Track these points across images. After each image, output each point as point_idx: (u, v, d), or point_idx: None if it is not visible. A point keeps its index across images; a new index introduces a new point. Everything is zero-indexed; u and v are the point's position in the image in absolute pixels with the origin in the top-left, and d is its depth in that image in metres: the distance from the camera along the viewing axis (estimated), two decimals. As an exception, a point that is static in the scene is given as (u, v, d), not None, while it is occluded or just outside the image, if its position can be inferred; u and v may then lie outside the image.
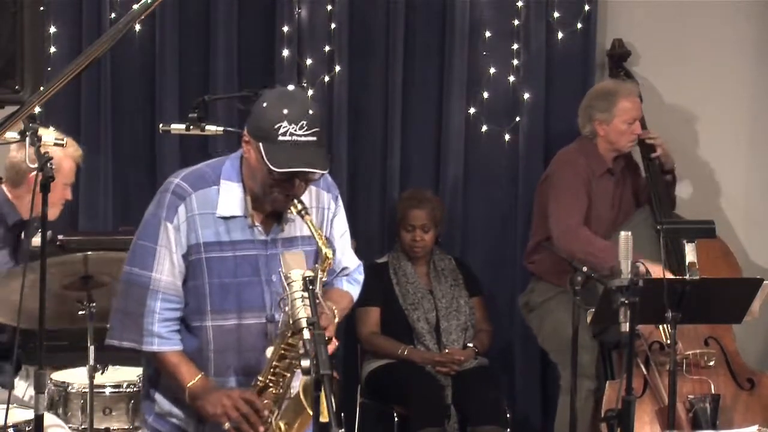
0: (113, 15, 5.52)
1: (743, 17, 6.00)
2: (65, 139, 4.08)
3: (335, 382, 3.11)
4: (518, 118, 5.89)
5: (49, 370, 4.35)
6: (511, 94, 5.89)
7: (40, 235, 3.47)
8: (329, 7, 5.73)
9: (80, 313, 4.05)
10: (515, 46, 5.87)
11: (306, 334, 2.95)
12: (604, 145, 5.39)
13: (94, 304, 4.04)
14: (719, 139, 6.06)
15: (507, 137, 5.90)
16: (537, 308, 5.48)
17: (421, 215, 5.57)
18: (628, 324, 3.84)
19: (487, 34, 5.87)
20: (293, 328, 3.08)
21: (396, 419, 5.34)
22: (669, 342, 4.63)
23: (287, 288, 3.04)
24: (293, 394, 3.22)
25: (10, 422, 3.80)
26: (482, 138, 5.90)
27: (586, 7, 5.88)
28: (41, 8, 3.41)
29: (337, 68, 5.74)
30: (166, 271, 3.26)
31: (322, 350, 2.91)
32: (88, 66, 3.15)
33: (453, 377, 5.41)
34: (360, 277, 3.58)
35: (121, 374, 4.49)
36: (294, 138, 3.14)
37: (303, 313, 2.99)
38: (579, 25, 5.88)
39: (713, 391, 5.04)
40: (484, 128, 5.89)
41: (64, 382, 4.36)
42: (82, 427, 4.26)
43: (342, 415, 5.11)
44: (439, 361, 5.41)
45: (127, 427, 4.34)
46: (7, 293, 3.85)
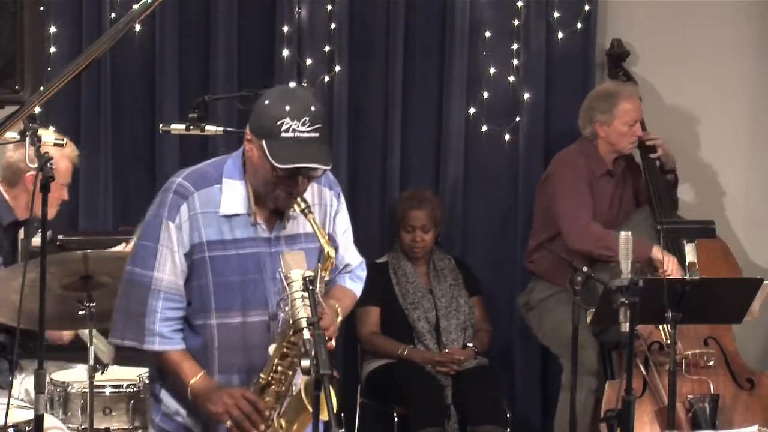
0: (113, 15, 5.52)
1: (743, 17, 6.00)
2: (65, 140, 4.08)
3: (335, 382, 3.11)
4: (518, 118, 5.88)
5: (51, 369, 4.36)
6: (511, 94, 5.89)
7: (40, 235, 3.47)
8: (329, 7, 5.73)
9: (80, 313, 4.04)
10: (515, 46, 5.87)
11: (306, 334, 2.96)
12: (605, 146, 5.39)
13: (94, 304, 4.03)
14: (719, 139, 6.06)
15: (507, 137, 5.90)
16: (536, 306, 5.47)
17: (421, 216, 5.57)
18: (628, 324, 3.84)
19: (487, 34, 5.87)
20: (293, 328, 3.09)
21: (396, 419, 5.34)
22: (669, 342, 4.63)
23: (287, 288, 3.05)
24: (295, 392, 3.23)
25: (10, 422, 3.79)
26: (482, 138, 5.90)
27: (586, 7, 5.88)
28: (41, 8, 3.41)
29: (337, 68, 5.74)
30: (168, 271, 3.26)
31: (322, 350, 2.92)
32: (88, 66, 3.15)
33: (453, 377, 5.41)
34: (363, 273, 3.58)
35: (121, 374, 4.49)
36: (296, 134, 3.14)
37: (303, 313, 2.99)
38: (579, 25, 5.88)
39: (713, 391, 5.04)
40: (484, 128, 5.89)
41: (64, 382, 4.35)
42: (82, 427, 4.25)
43: (342, 415, 5.10)
44: (439, 361, 5.41)
45: (127, 427, 4.34)
46: (7, 293, 3.85)
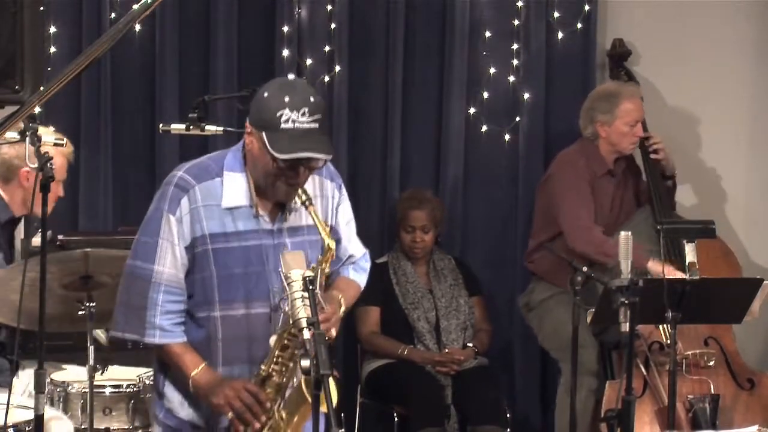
0: (113, 15, 5.52)
1: (743, 17, 6.00)
2: (64, 140, 4.07)
3: (336, 381, 3.11)
4: (518, 118, 5.88)
5: (50, 369, 4.35)
6: (511, 94, 5.89)
7: (40, 235, 3.46)
8: (329, 7, 5.73)
9: (80, 313, 4.04)
10: (515, 46, 5.87)
11: (306, 334, 2.96)
12: (606, 146, 5.38)
13: (94, 304, 4.03)
14: (719, 139, 6.06)
15: (507, 137, 5.90)
16: (536, 307, 5.47)
17: (421, 216, 5.56)
18: (628, 324, 3.84)
19: (487, 34, 5.87)
20: (293, 328, 3.09)
21: (396, 419, 5.34)
22: (669, 342, 4.63)
23: (287, 288, 3.05)
24: (295, 385, 3.22)
25: (10, 422, 3.79)
26: (482, 138, 5.90)
27: (586, 7, 5.88)
28: (41, 8, 3.42)
29: (337, 68, 5.74)
30: (169, 264, 3.26)
31: (322, 350, 2.91)
32: (88, 66, 3.15)
33: (453, 377, 5.41)
34: (366, 264, 3.57)
35: (121, 374, 4.48)
36: (296, 125, 3.14)
37: (303, 313, 2.99)
38: (579, 25, 5.88)
39: (713, 391, 5.04)
40: (484, 128, 5.89)
41: (64, 382, 4.35)
42: (82, 427, 4.25)
43: (342, 415, 5.10)
44: (439, 361, 5.41)
45: (127, 427, 4.33)
46: (7, 293, 3.85)
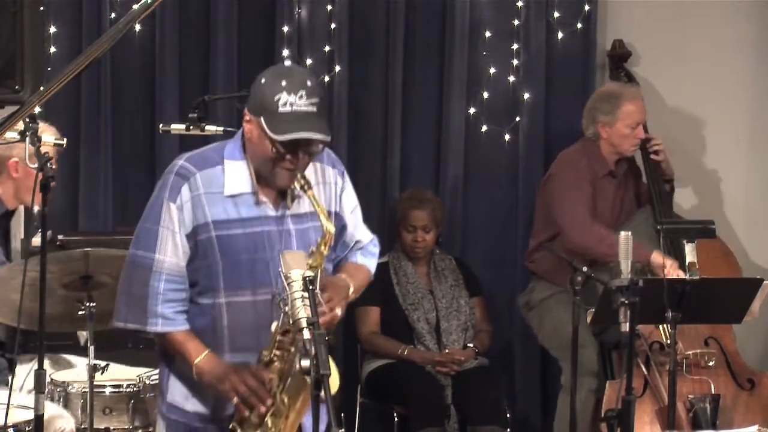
0: (113, 15, 5.52)
1: (743, 17, 6.00)
2: (60, 137, 4.04)
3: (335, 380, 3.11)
4: (518, 118, 5.89)
5: (52, 368, 4.35)
6: (511, 94, 5.89)
7: (40, 235, 3.46)
8: (329, 7, 5.73)
9: (80, 313, 4.04)
10: (515, 46, 5.87)
11: (306, 334, 2.96)
12: (607, 147, 5.38)
13: (94, 304, 4.03)
14: (719, 139, 6.06)
15: (507, 137, 5.90)
16: (536, 307, 5.47)
17: (422, 216, 5.56)
18: (628, 324, 3.84)
19: (487, 34, 5.87)
20: (293, 328, 3.09)
21: (396, 419, 5.34)
22: (669, 342, 4.63)
23: (287, 288, 3.04)
24: (297, 370, 3.20)
25: (10, 422, 3.79)
26: (482, 138, 5.90)
27: (586, 7, 5.88)
28: (41, 8, 3.41)
29: (337, 68, 5.74)
30: (170, 252, 3.25)
31: (322, 350, 2.91)
32: (88, 66, 3.15)
33: (453, 377, 5.41)
34: (375, 249, 3.55)
35: (121, 374, 4.48)
36: (294, 108, 3.15)
37: (303, 313, 2.99)
38: (579, 25, 5.88)
39: (713, 391, 5.04)
40: (484, 128, 5.89)
41: (64, 382, 4.35)
42: (82, 427, 4.25)
43: (342, 415, 5.10)
44: (439, 361, 5.41)
45: (127, 427, 4.33)
46: (7, 293, 3.85)
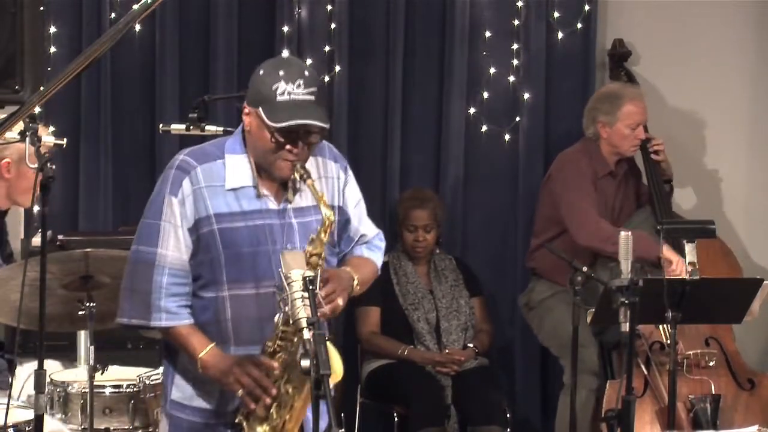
0: (113, 15, 5.52)
1: (744, 17, 6.00)
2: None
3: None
4: (518, 118, 5.88)
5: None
6: (511, 94, 5.89)
7: (40, 235, 3.46)
8: (329, 7, 5.73)
9: (80, 313, 4.03)
10: (515, 46, 5.87)
11: (306, 334, 2.96)
12: (607, 147, 5.38)
13: (94, 304, 4.03)
14: (720, 139, 6.06)
15: (507, 137, 5.90)
16: (537, 307, 5.47)
17: (424, 215, 5.56)
18: (628, 324, 3.84)
19: (487, 34, 5.87)
20: (293, 328, 3.09)
21: (396, 419, 5.34)
22: (669, 342, 4.63)
23: (287, 288, 3.04)
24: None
25: (10, 422, 3.78)
26: (482, 138, 5.90)
27: (586, 7, 5.88)
28: (41, 8, 3.42)
29: (337, 68, 5.74)
30: (172, 246, 3.25)
31: (322, 350, 2.91)
32: (88, 66, 3.15)
33: (453, 377, 5.41)
34: (381, 243, 3.55)
35: (121, 374, 4.48)
36: (292, 97, 3.17)
37: (303, 313, 2.99)
38: (579, 25, 5.88)
39: (714, 392, 5.04)
40: (484, 128, 5.89)
41: (64, 382, 4.35)
42: (82, 427, 4.25)
43: (342, 415, 5.10)
44: (439, 362, 5.41)
45: (127, 427, 4.32)
46: (7, 293, 3.84)
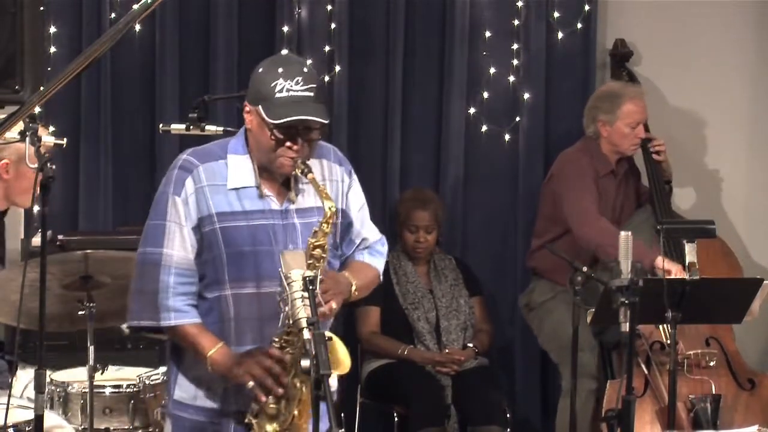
0: (113, 15, 5.52)
1: (744, 17, 6.00)
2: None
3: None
4: (518, 118, 5.88)
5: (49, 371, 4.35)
6: (511, 94, 5.89)
7: (40, 235, 3.46)
8: (329, 7, 5.73)
9: (80, 313, 4.04)
10: (515, 46, 5.87)
11: (306, 334, 2.96)
12: (607, 146, 5.38)
13: (94, 304, 4.03)
14: (720, 139, 6.06)
15: (507, 137, 5.90)
16: (537, 308, 5.47)
17: (425, 216, 5.56)
18: (628, 324, 3.84)
19: (487, 34, 5.87)
20: (291, 328, 3.09)
21: (396, 419, 5.34)
22: (669, 342, 4.63)
23: (287, 288, 3.04)
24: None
25: (10, 422, 3.79)
26: (482, 138, 5.90)
27: (586, 7, 5.88)
28: (41, 8, 3.42)
29: (337, 68, 5.74)
30: (177, 246, 3.25)
31: (322, 350, 2.91)
32: (88, 66, 3.15)
33: (453, 377, 5.41)
34: (383, 249, 3.54)
35: (121, 374, 4.49)
36: (291, 93, 3.18)
37: (303, 313, 2.99)
38: (579, 25, 5.88)
39: (714, 392, 5.04)
40: (484, 128, 5.89)
41: (64, 382, 4.35)
42: (82, 427, 4.25)
43: (342, 415, 5.10)
44: (439, 361, 5.41)
45: (127, 427, 4.33)
46: (7, 293, 3.85)
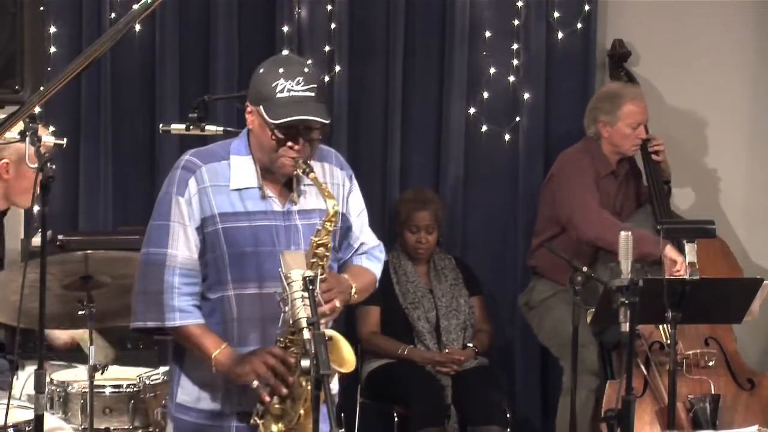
0: (113, 15, 5.52)
1: (743, 17, 6.00)
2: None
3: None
4: (518, 118, 5.88)
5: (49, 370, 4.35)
6: (511, 94, 5.89)
7: (40, 235, 3.46)
8: (329, 7, 5.73)
9: (80, 313, 4.04)
10: (515, 46, 5.87)
11: (306, 334, 2.96)
12: (608, 146, 5.38)
13: (94, 304, 4.03)
14: (720, 139, 6.06)
15: (507, 137, 5.90)
16: (537, 306, 5.47)
17: (426, 216, 5.56)
18: (628, 324, 3.84)
19: (487, 34, 5.87)
20: (291, 328, 3.09)
21: (396, 419, 5.34)
22: (669, 342, 4.63)
23: (287, 288, 3.04)
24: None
25: (10, 422, 3.79)
26: (482, 138, 5.90)
27: (586, 7, 5.88)
28: (41, 8, 3.42)
29: (337, 68, 5.74)
30: (181, 246, 3.26)
31: (322, 350, 2.91)
32: (88, 66, 3.15)
33: (453, 377, 5.41)
34: (381, 255, 3.54)
35: (121, 374, 4.48)
36: (292, 94, 3.19)
37: (303, 313, 2.99)
38: (579, 25, 5.88)
39: (713, 392, 5.05)
40: (484, 128, 5.89)
41: (64, 382, 4.35)
42: (82, 427, 4.25)
43: (342, 415, 5.10)
44: (439, 361, 5.41)
45: (127, 427, 4.33)
46: (7, 293, 3.84)
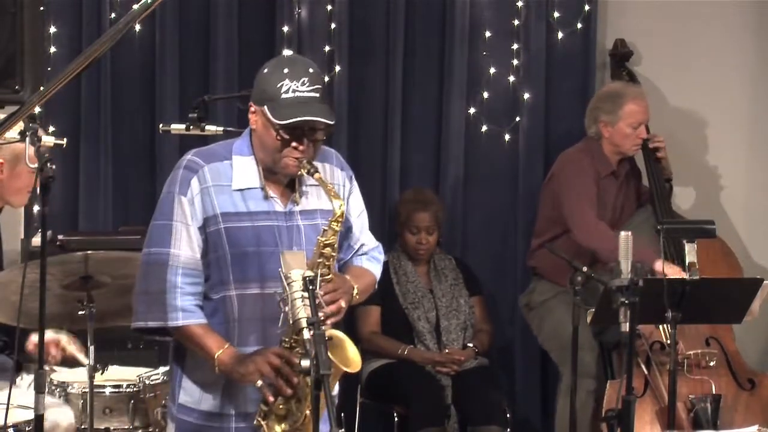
0: (113, 15, 5.52)
1: (743, 17, 6.00)
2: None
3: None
4: (518, 118, 5.88)
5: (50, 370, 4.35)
6: (511, 94, 5.89)
7: (40, 235, 3.46)
8: (329, 7, 5.73)
9: (80, 313, 4.04)
10: (515, 46, 5.87)
11: (306, 334, 2.96)
12: (609, 146, 5.38)
13: (94, 304, 4.03)
14: (720, 139, 6.06)
15: (507, 137, 5.90)
16: (537, 307, 5.47)
17: (426, 217, 5.56)
18: (628, 324, 3.84)
19: (487, 34, 5.87)
20: (293, 328, 3.09)
21: (396, 419, 5.34)
22: (669, 342, 4.63)
23: (287, 288, 3.04)
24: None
25: (10, 422, 3.79)
26: (482, 138, 5.90)
27: (586, 7, 5.88)
28: (41, 8, 3.42)
29: (337, 68, 5.74)
30: (184, 246, 3.25)
31: (322, 350, 2.91)
32: (88, 66, 3.15)
33: (453, 377, 5.41)
34: (380, 256, 3.55)
35: (121, 374, 4.49)
36: (296, 94, 3.19)
37: (303, 313, 2.99)
38: (579, 25, 5.88)
39: (714, 392, 5.04)
40: (484, 128, 5.89)
41: (64, 382, 4.35)
42: (82, 427, 4.25)
43: (342, 415, 5.10)
44: (439, 361, 5.41)
45: (127, 427, 4.33)
46: (7, 294, 3.84)
